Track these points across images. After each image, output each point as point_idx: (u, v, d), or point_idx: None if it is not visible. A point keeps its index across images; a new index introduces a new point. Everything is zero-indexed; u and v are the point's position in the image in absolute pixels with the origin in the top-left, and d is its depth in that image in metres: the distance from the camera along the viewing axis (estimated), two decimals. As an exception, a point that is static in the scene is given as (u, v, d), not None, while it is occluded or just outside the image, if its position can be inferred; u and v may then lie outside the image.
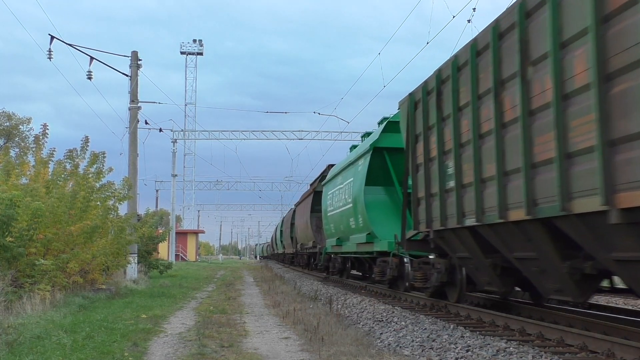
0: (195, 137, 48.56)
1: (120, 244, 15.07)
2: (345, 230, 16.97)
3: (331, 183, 19.62)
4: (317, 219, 24.06)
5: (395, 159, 14.41)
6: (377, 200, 14.55)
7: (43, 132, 15.03)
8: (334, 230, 18.78)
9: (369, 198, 14.60)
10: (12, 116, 45.76)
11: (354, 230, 15.95)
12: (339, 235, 18.02)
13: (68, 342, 7.11)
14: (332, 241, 19.15)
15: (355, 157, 16.29)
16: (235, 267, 42.63)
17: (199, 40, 63.24)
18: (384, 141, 14.72)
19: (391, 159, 14.66)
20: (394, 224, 13.22)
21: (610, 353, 6.25)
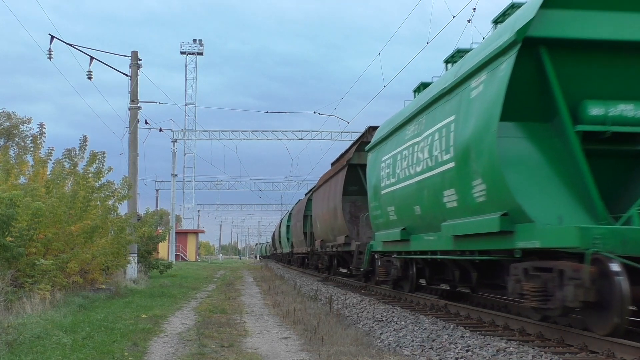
0: (195, 137, 48.57)
1: (120, 243, 15.06)
2: (427, 212, 10.27)
3: (390, 142, 12.72)
4: (352, 205, 18.19)
5: (566, 63, 7.55)
6: (525, 150, 7.68)
7: (40, 131, 15.03)
8: (394, 217, 12.22)
9: (508, 146, 7.58)
10: (12, 116, 45.76)
11: (452, 212, 9.07)
12: (404, 224, 11.64)
13: (68, 342, 7.11)
14: (385, 235, 12.96)
15: (465, 74, 8.70)
16: (235, 267, 42.63)
17: (199, 40, 63.23)
18: (543, 26, 7.38)
19: (556, 62, 7.51)
20: (560, 195, 7.32)
21: (610, 353, 6.25)
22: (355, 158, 17.82)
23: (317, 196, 24.64)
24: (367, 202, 15.02)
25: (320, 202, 23.16)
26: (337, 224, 19.03)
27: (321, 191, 23.33)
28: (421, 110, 10.62)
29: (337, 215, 18.77)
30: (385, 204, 12.93)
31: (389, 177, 12.50)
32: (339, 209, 18.43)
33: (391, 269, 13.38)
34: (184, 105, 58.81)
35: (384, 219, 13.10)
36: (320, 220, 22.71)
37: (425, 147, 10.11)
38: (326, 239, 21.92)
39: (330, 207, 20.15)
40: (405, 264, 12.81)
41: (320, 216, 22.83)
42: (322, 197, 22.71)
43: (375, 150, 14.14)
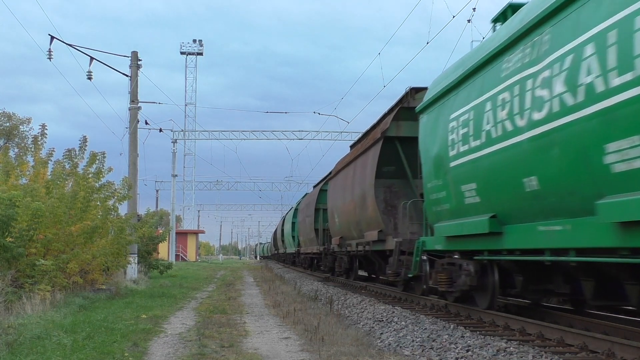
0: (195, 137, 48.58)
1: (120, 244, 15.06)
2: (554, 186, 6.80)
3: (464, 91, 9.07)
4: (387, 190, 14.20)
5: None
6: None
7: (41, 132, 15.03)
8: (475, 199, 8.60)
9: None
10: (12, 116, 45.77)
11: (624, 180, 5.60)
12: (493, 209, 8.14)
13: (68, 343, 7.11)
14: (454, 227, 9.34)
15: None
16: (235, 267, 42.63)
17: (199, 40, 63.31)
18: None
19: None
20: None
21: (610, 353, 6.25)
22: (393, 129, 13.58)
23: (334, 184, 20.22)
24: (406, 187, 13.15)
25: (339, 191, 18.93)
26: (366, 216, 14.94)
27: (341, 178, 18.99)
28: (537, 25, 7.05)
29: (367, 205, 14.63)
30: (456, 181, 9.02)
31: (467, 141, 8.57)
32: (369, 197, 14.26)
33: (460, 275, 9.43)
34: (184, 105, 58.93)
35: (454, 203, 9.24)
36: (340, 213, 18.47)
37: (555, 78, 6.50)
38: (347, 236, 17.98)
39: (355, 195, 16.11)
40: (483, 269, 9.16)
41: (339, 208, 18.62)
42: (342, 184, 18.54)
43: (434, 108, 10.29)
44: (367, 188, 14.57)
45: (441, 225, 9.98)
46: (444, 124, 9.59)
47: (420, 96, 12.44)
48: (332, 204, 20.41)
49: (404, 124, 13.47)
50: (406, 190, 13.43)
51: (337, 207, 19.14)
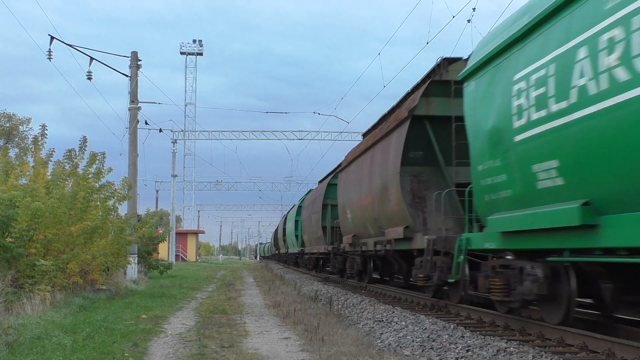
0: (195, 137, 48.58)
1: (120, 244, 15.06)
2: None
3: (532, 44, 7.15)
4: (414, 180, 12.10)
5: None
6: None
7: (42, 132, 15.03)
8: (557, 181, 6.61)
9: None
10: (13, 117, 45.79)
11: None
12: (586, 194, 6.13)
13: (68, 343, 7.11)
14: (520, 219, 7.39)
15: None
16: (235, 268, 42.63)
17: (199, 40, 63.34)
18: None
19: None
20: None
21: (610, 353, 6.25)
22: (423, 106, 11.55)
23: (346, 177, 18.02)
24: (436, 175, 11.50)
25: (352, 184, 16.77)
26: (388, 211, 12.88)
27: (354, 169, 16.92)
28: None
29: (390, 198, 12.56)
30: (524, 160, 7.13)
31: (544, 105, 6.62)
32: (393, 188, 12.18)
33: (523, 281, 7.59)
34: (184, 105, 58.95)
35: (519, 188, 7.37)
36: (354, 208, 16.42)
37: None
38: (362, 234, 15.98)
39: (373, 187, 14.01)
40: (554, 273, 7.35)
41: (353, 203, 16.53)
42: (356, 176, 16.39)
43: (485, 72, 8.35)
44: (390, 177, 12.41)
45: (498, 218, 7.91)
46: (504, 89, 7.60)
47: (456, 67, 10.77)
48: (343, 199, 18.13)
49: (435, 100, 11.52)
50: (437, 180, 11.61)
51: (350, 201, 17.03)
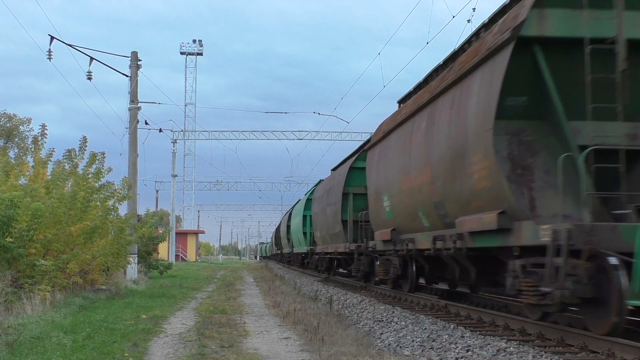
0: (195, 137, 48.58)
1: (120, 244, 15.06)
2: None
3: None
4: (514, 139, 7.98)
5: None
6: None
7: (42, 132, 15.02)
8: None
9: None
10: (13, 117, 45.80)
11: None
12: None
13: (68, 343, 7.11)
14: None
15: None
16: (235, 268, 42.63)
17: (199, 40, 63.37)
18: None
19: None
20: None
21: (610, 353, 6.25)
22: (534, 23, 7.65)
23: (382, 153, 13.75)
24: (548, 133, 7.84)
25: (393, 159, 12.76)
26: (468, 189, 8.79)
27: (397, 139, 12.54)
28: None
29: (472, 168, 8.58)
30: None
31: None
32: (481, 152, 8.24)
33: None
34: (184, 105, 58.97)
35: None
36: (396, 191, 12.39)
37: None
38: (406, 227, 12.11)
39: (435, 158, 10.02)
40: None
41: (394, 185, 12.51)
42: (399, 149, 12.28)
43: None
44: (473, 139, 8.47)
45: None
46: None
47: None
48: (377, 183, 14.06)
49: (554, 14, 7.65)
50: (548, 141, 7.86)
51: (388, 184, 12.99)
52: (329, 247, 21.26)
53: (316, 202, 24.60)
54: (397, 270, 13.28)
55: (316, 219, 24.35)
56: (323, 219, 22.19)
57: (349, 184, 18.53)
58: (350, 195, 18.32)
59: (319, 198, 23.88)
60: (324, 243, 22.77)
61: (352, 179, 18.53)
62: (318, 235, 23.84)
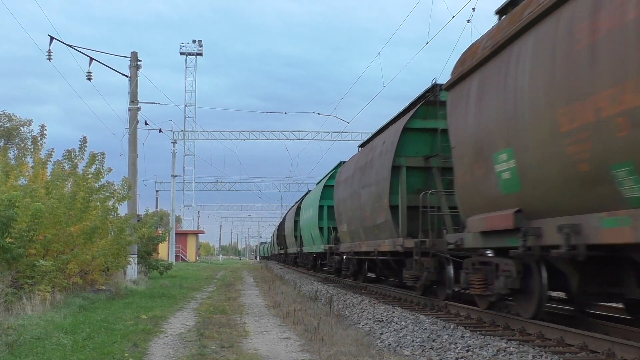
0: (195, 137, 48.58)
1: (120, 244, 15.06)
2: None
3: None
4: None
5: None
6: None
7: (41, 133, 15.02)
8: None
9: None
10: (13, 117, 45.81)
11: None
12: None
13: (68, 343, 7.11)
14: None
15: None
16: (235, 268, 42.63)
17: (199, 40, 63.36)
18: None
19: None
20: None
21: (610, 353, 6.25)
22: None
23: (501, 72, 8.04)
24: None
25: (537, 74, 7.03)
26: None
27: (543, 39, 6.99)
28: None
29: None
30: None
31: None
32: None
33: None
34: (184, 105, 58.99)
35: None
36: (539, 139, 7.02)
37: None
38: (554, 204, 6.96)
39: None
40: None
41: (533, 126, 7.15)
42: (561, 49, 6.56)
43: None
44: None
45: None
46: None
47: None
48: (479, 132, 8.72)
49: None
50: None
51: (513, 129, 7.65)
52: (364, 245, 15.63)
53: (342, 186, 18.45)
54: (512, 282, 8.09)
55: (342, 209, 18.17)
56: (354, 207, 16.27)
57: (401, 153, 12.92)
58: (402, 170, 12.78)
59: (346, 180, 17.83)
60: (353, 239, 17.05)
61: (407, 147, 13.02)
62: (344, 230, 18.14)
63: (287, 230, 38.24)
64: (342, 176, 18.77)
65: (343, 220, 18.11)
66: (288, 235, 37.23)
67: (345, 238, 18.22)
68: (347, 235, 17.85)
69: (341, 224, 18.50)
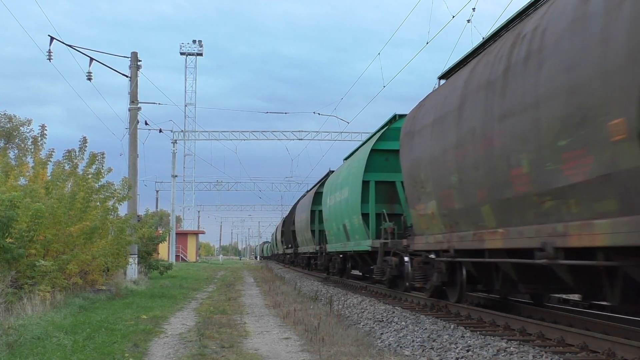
0: (195, 137, 48.58)
1: (120, 244, 15.06)
2: None
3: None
4: None
5: None
6: None
7: (41, 133, 15.01)
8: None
9: None
10: (13, 118, 45.82)
11: None
12: None
13: (68, 343, 7.11)
14: None
15: None
16: (235, 268, 42.63)
17: (199, 40, 63.43)
18: None
19: None
20: None
21: (610, 352, 6.25)
22: None
23: None
24: None
25: None
26: None
27: None
28: None
29: None
30: None
31: None
32: None
33: None
34: (184, 106, 59.00)
35: None
36: None
37: None
38: None
39: None
40: None
41: None
42: None
43: None
44: None
45: None
46: None
47: None
48: None
49: None
50: None
51: None
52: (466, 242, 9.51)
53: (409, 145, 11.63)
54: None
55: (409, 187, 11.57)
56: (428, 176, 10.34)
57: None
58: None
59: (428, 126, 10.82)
60: (427, 229, 10.77)
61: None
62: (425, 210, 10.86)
63: (298, 224, 30.05)
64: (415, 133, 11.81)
65: (419, 196, 10.93)
66: (300, 231, 29.43)
67: (417, 230, 11.42)
68: (425, 224, 10.80)
69: (416, 202, 11.13)
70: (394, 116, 15.38)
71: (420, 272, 11.33)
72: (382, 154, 15.18)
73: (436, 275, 10.51)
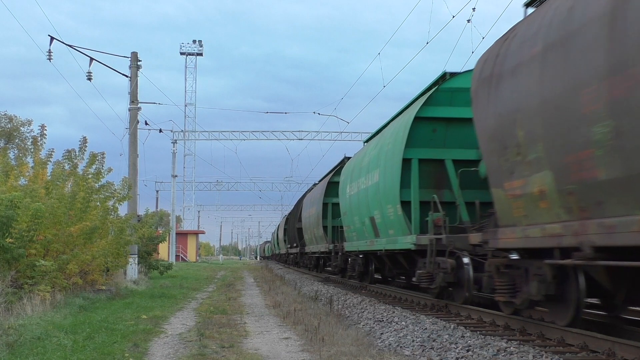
0: (195, 137, 48.57)
1: (120, 244, 15.06)
2: None
3: None
4: None
5: None
6: None
7: (41, 133, 15.01)
8: None
9: None
10: (13, 118, 45.83)
11: None
12: None
13: (68, 343, 7.11)
14: None
15: None
16: (235, 268, 42.63)
17: (199, 40, 63.45)
18: None
19: None
20: None
21: (610, 352, 6.25)
22: None
23: None
24: None
25: None
26: None
27: None
28: None
29: None
30: None
31: None
32: None
33: None
34: (184, 106, 59.01)
35: None
36: None
37: None
38: None
39: None
40: None
41: None
42: None
43: None
44: None
45: None
46: None
47: None
48: None
49: None
50: None
51: None
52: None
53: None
54: None
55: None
56: None
57: None
58: None
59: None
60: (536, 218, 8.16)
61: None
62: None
63: (306, 220, 26.38)
64: None
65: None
66: (308, 227, 25.66)
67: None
68: None
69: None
70: (444, 74, 11.60)
71: (505, 281, 8.06)
72: (428, 123, 11.53)
73: (536, 285, 7.27)
